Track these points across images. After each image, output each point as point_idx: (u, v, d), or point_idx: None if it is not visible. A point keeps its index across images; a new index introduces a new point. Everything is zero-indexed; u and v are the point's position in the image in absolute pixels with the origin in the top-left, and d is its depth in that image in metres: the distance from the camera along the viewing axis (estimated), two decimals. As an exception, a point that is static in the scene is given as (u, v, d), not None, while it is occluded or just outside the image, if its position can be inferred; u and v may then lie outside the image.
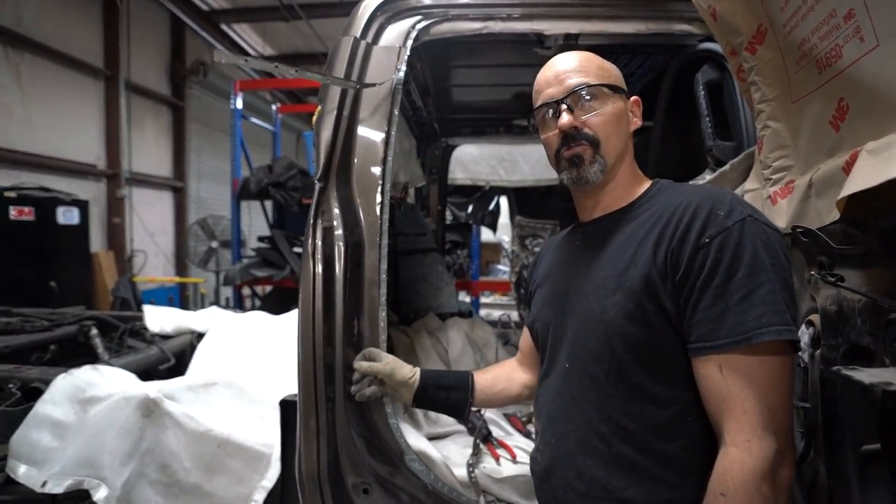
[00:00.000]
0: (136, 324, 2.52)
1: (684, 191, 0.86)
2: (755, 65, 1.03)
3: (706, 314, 0.74)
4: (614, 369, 0.81)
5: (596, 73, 0.91)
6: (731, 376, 0.72)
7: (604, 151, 0.89)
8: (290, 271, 4.74)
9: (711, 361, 0.73)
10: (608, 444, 0.81)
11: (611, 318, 0.81)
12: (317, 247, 1.15)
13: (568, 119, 0.89)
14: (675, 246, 0.78)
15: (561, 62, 0.94)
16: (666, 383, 0.79)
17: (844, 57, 0.77)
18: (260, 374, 1.96)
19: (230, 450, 1.53)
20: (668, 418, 0.78)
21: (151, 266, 7.04)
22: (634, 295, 0.79)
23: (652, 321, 0.78)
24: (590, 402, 0.84)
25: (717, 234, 0.75)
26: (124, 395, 1.53)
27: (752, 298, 0.72)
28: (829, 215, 0.81)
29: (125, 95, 6.56)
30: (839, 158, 0.81)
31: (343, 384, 1.14)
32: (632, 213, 0.89)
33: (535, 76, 2.22)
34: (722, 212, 0.77)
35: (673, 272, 0.77)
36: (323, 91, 1.27)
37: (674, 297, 0.77)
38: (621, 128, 0.91)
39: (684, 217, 0.79)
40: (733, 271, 0.73)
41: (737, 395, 0.71)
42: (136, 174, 6.82)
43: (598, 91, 0.89)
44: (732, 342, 0.72)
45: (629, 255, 0.83)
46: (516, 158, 4.06)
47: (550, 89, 0.92)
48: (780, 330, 0.70)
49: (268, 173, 5.18)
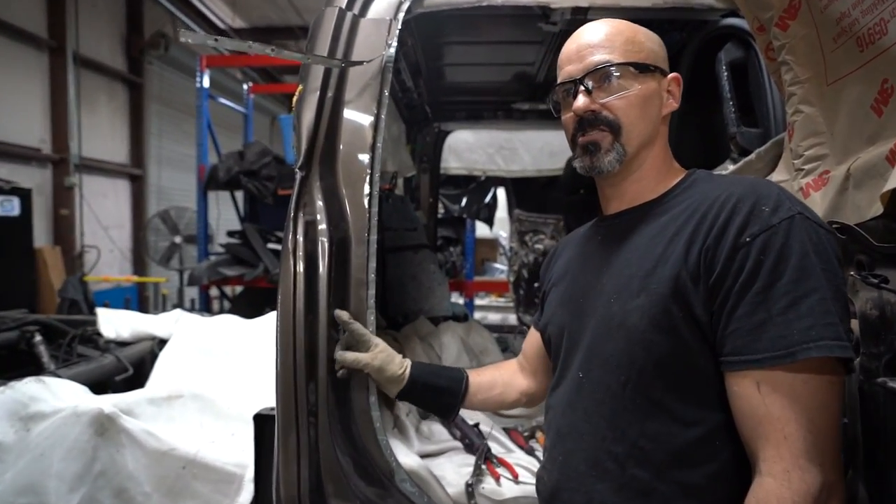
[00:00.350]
0: (87, 329, 2.47)
1: (724, 182, 0.83)
2: (786, 42, 1.03)
3: (744, 323, 0.71)
4: (633, 381, 0.79)
5: (623, 48, 0.87)
6: (770, 395, 0.68)
7: (625, 139, 0.86)
8: (263, 270, 4.69)
9: (748, 378, 0.70)
10: (622, 467, 0.78)
11: (633, 323, 0.79)
12: (298, 243, 1.13)
13: (584, 102, 0.86)
14: (711, 244, 0.75)
15: (586, 34, 0.91)
16: (692, 401, 0.76)
17: (890, 33, 0.77)
18: (231, 386, 1.93)
19: (196, 471, 1.51)
20: (692, 440, 0.75)
21: (105, 264, 6.92)
22: (661, 298, 0.77)
23: (680, 329, 0.76)
24: (603, 417, 0.81)
25: (759, 233, 0.72)
26: (74, 410, 1.49)
27: (798, 308, 0.68)
28: (871, 210, 0.81)
29: (73, 70, 6.41)
30: (882, 146, 0.81)
31: (327, 396, 1.12)
32: (662, 207, 0.87)
33: (537, 54, 2.19)
34: (767, 207, 0.73)
35: (707, 274, 0.75)
36: (304, 69, 1.24)
37: (706, 302, 0.74)
38: (649, 111, 0.88)
39: (722, 212, 0.76)
40: (777, 275, 0.70)
41: (777, 418, 0.68)
42: (86, 160, 6.68)
43: (623, 70, 0.86)
44: (774, 357, 0.68)
45: (657, 253, 0.80)
46: (516, 146, 4.06)
47: (571, 66, 0.90)
48: (831, 346, 0.67)
49: (239, 160, 5.13)
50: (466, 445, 1.54)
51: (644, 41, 0.90)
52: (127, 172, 7.71)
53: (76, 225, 6.58)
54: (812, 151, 1.03)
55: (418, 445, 1.53)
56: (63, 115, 6.36)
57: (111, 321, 2.49)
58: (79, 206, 6.58)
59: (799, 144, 1.05)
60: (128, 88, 7.68)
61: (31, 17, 6.03)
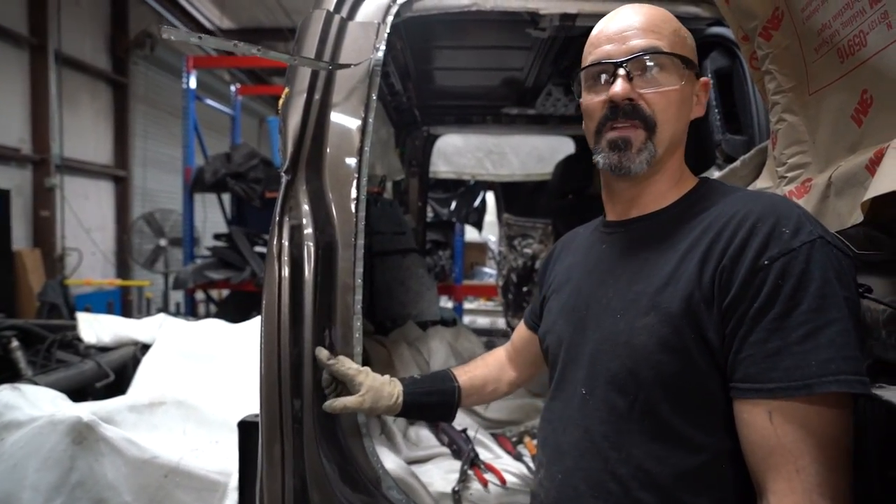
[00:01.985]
0: (67, 334, 2.43)
1: (741, 198, 0.78)
2: (770, 52, 1.05)
3: (758, 350, 0.68)
4: (640, 402, 0.76)
5: (671, 37, 0.80)
6: (783, 426, 0.66)
7: (658, 138, 0.80)
8: (250, 273, 4.66)
9: (759, 406, 0.68)
10: (625, 489, 0.76)
11: (641, 342, 0.76)
12: (283, 247, 1.12)
13: (623, 88, 0.78)
14: (727, 265, 0.71)
15: (629, 15, 0.83)
16: (700, 424, 0.73)
17: (869, 45, 0.78)
18: (216, 392, 1.91)
19: (179, 479, 1.48)
20: (698, 465, 0.73)
21: (87, 266, 6.82)
22: (672, 319, 0.73)
23: (690, 351, 0.73)
24: (607, 437, 0.78)
25: (779, 256, 0.68)
26: (51, 418, 1.47)
27: (817, 338, 0.65)
28: (851, 217, 0.83)
29: (55, 69, 6.31)
30: (862, 155, 0.83)
31: (313, 403, 1.11)
32: (674, 218, 0.82)
33: (526, 60, 2.20)
34: (787, 229, 0.70)
35: (721, 296, 0.71)
36: (291, 72, 1.24)
37: (719, 325, 0.71)
38: (683, 113, 0.83)
39: (740, 231, 0.72)
40: (796, 302, 0.66)
41: (790, 450, 0.65)
42: (68, 160, 6.58)
43: (671, 62, 0.79)
44: (790, 388, 0.65)
45: (669, 270, 0.77)
46: (504, 150, 4.08)
47: (609, 46, 0.82)
48: (851, 381, 0.64)
49: (225, 162, 5.09)
50: (454, 451, 1.54)
51: (687, 36, 0.84)
52: (110, 174, 7.61)
53: (57, 227, 6.47)
54: (795, 159, 1.04)
55: (406, 451, 1.53)
56: (44, 114, 6.26)
57: (92, 326, 2.46)
58: (60, 208, 6.47)
59: (782, 152, 1.07)
60: (112, 88, 7.59)
61: (11, 14, 5.94)
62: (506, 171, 4.11)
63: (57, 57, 6.32)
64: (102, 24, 7.42)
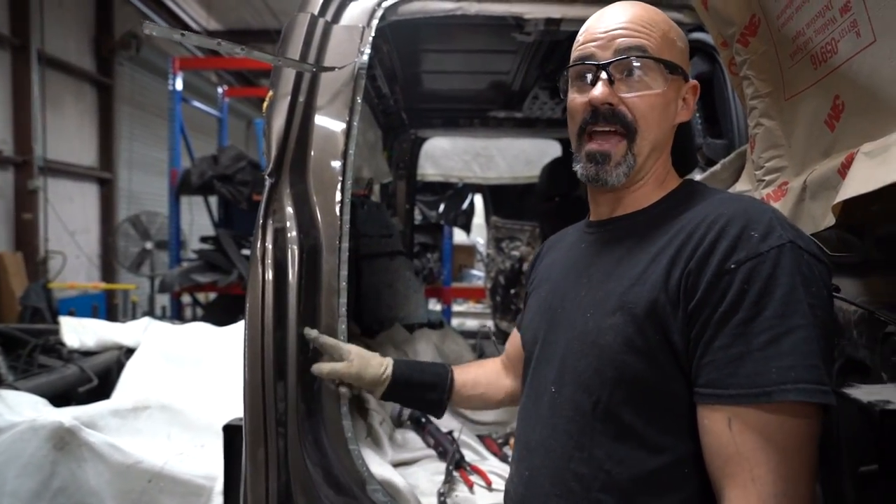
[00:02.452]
0: (49, 338, 2.39)
1: (715, 201, 0.77)
2: (747, 58, 1.07)
3: (720, 355, 0.67)
4: (603, 402, 0.75)
5: (660, 40, 0.79)
6: (741, 434, 0.65)
7: (638, 147, 0.79)
8: (237, 276, 4.63)
9: (719, 412, 0.66)
10: (586, 489, 0.75)
11: (607, 342, 0.75)
12: (267, 251, 1.12)
13: (603, 92, 0.77)
14: (693, 268, 0.70)
15: (618, 12, 0.81)
16: (662, 427, 0.72)
17: (840, 52, 0.80)
18: (201, 396, 1.90)
19: (164, 484, 1.47)
20: (659, 467, 0.72)
21: (71, 270, 6.72)
22: (636, 319, 0.73)
23: (655, 352, 0.72)
24: (572, 436, 0.78)
25: (745, 261, 0.67)
26: (31, 424, 1.45)
27: (779, 344, 0.64)
28: (825, 220, 0.85)
29: (38, 69, 6.22)
30: (835, 160, 0.85)
31: (297, 406, 1.11)
32: (650, 218, 0.82)
33: (512, 63, 2.21)
34: (756, 233, 0.68)
35: (686, 299, 0.70)
36: (275, 74, 1.24)
37: (684, 329, 0.70)
38: (667, 118, 0.81)
39: (708, 234, 0.70)
40: (761, 308, 0.65)
41: (746, 458, 0.64)
42: (52, 162, 6.48)
43: (655, 65, 0.78)
44: (749, 394, 0.64)
45: (638, 270, 0.76)
46: (492, 153, 4.10)
47: (594, 45, 0.80)
48: (810, 390, 0.62)
49: (212, 165, 5.05)
50: (440, 453, 1.54)
51: (676, 39, 0.82)
52: (95, 176, 7.51)
53: (40, 229, 6.37)
54: (772, 163, 1.06)
55: (392, 454, 1.53)
56: (26, 115, 6.17)
57: (75, 330, 2.42)
58: (43, 210, 6.38)
59: (760, 156, 1.09)
60: (97, 89, 7.50)
61: (-8, 13, 5.87)
62: (493, 173, 4.13)
63: (40, 57, 6.24)
64: (87, 25, 7.33)
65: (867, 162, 0.73)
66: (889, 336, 0.72)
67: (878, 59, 0.74)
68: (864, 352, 0.77)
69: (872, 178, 0.70)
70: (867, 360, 0.76)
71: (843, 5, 0.77)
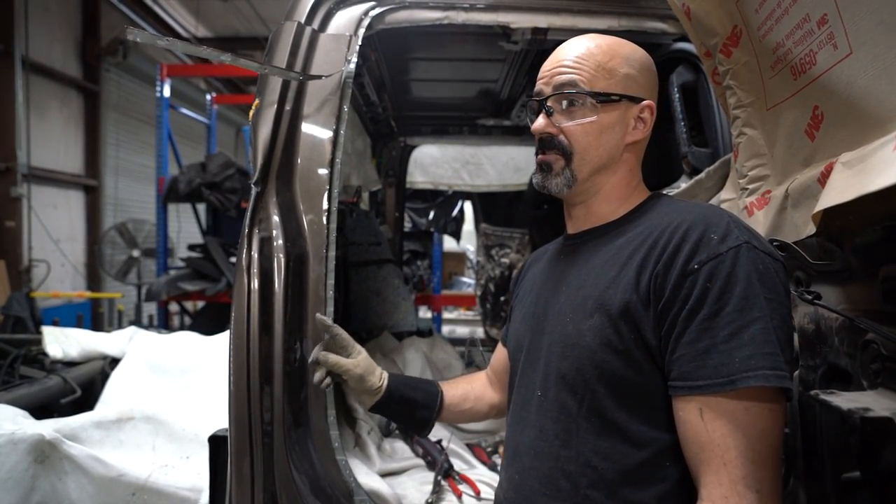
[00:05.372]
0: (31, 348, 2.36)
1: (678, 209, 0.84)
2: (730, 68, 1.08)
3: (689, 350, 0.72)
4: (587, 400, 0.80)
5: (591, 73, 0.87)
6: (712, 422, 0.70)
7: (576, 165, 0.88)
8: (225, 284, 4.59)
9: (692, 403, 0.72)
10: (575, 486, 0.79)
11: (586, 343, 0.80)
12: (252, 260, 1.11)
13: (540, 124, 0.89)
14: (660, 271, 0.76)
15: (564, 50, 0.91)
16: (643, 421, 0.77)
17: (818, 64, 0.82)
18: (187, 406, 1.87)
19: (147, 497, 1.45)
20: (642, 460, 0.76)
21: (56, 278, 6.62)
22: (612, 319, 0.79)
23: (631, 351, 0.77)
24: (558, 435, 0.82)
25: (707, 261, 0.73)
26: (11, 437, 1.42)
27: (740, 336, 0.70)
28: (806, 229, 0.86)
29: (22, 75, 6.13)
30: (815, 169, 0.86)
31: (283, 416, 1.10)
32: (620, 229, 0.88)
33: (500, 72, 2.22)
34: (715, 236, 0.75)
35: (656, 300, 0.76)
36: (262, 82, 1.24)
37: (655, 327, 0.76)
38: (607, 139, 0.88)
39: (673, 239, 0.77)
40: (723, 304, 0.71)
41: (717, 444, 0.70)
42: (36, 169, 6.39)
43: (585, 98, 0.87)
44: (716, 384, 0.70)
45: (611, 275, 0.82)
46: (481, 161, 4.11)
47: (541, 82, 0.91)
48: (768, 375, 0.68)
49: (200, 172, 5.02)
50: (429, 463, 1.53)
51: (618, 67, 0.88)
52: (81, 183, 7.41)
53: (23, 237, 6.27)
54: (755, 172, 1.08)
55: (380, 464, 1.52)
56: (9, 121, 6.08)
57: (58, 340, 2.39)
58: (27, 218, 6.28)
59: (743, 165, 1.10)
60: (83, 96, 7.41)
61: (-26, 17, 5.79)
62: (482, 181, 4.14)
63: (24, 63, 6.16)
64: (73, 31, 7.26)
65: (845, 172, 0.75)
66: (869, 343, 0.73)
67: (854, 70, 0.76)
68: (846, 359, 0.77)
69: (850, 187, 0.71)
70: (849, 367, 0.77)
71: (819, 18, 0.79)
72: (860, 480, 0.66)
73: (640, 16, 1.41)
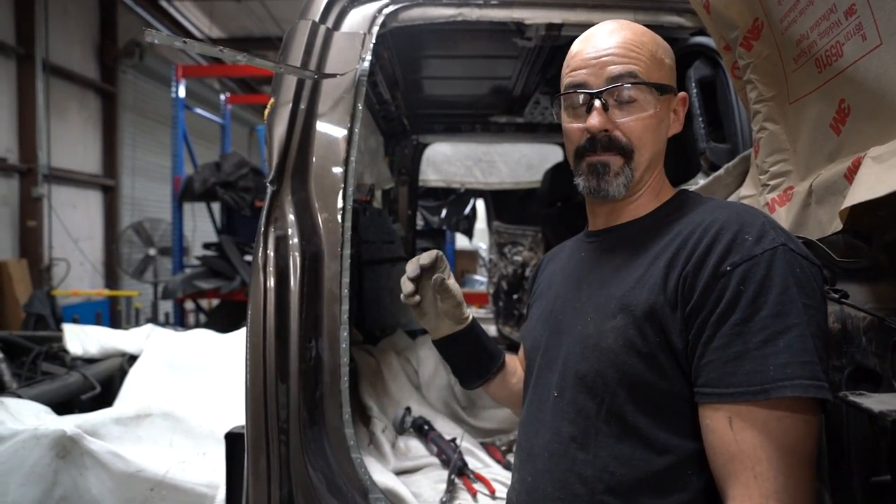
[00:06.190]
0: (53, 345, 2.40)
1: (709, 207, 0.80)
2: (751, 62, 1.06)
3: (719, 355, 0.68)
4: (606, 403, 0.76)
5: (648, 63, 0.81)
6: (742, 432, 0.66)
7: (635, 163, 0.82)
8: (240, 283, 4.63)
9: (721, 411, 0.68)
10: (591, 490, 0.75)
11: (608, 344, 0.76)
12: (268, 258, 1.11)
13: (600, 121, 0.80)
14: (690, 271, 0.72)
15: (607, 36, 0.82)
16: (665, 427, 0.73)
17: (845, 55, 0.79)
18: (204, 403, 1.89)
19: (165, 493, 1.46)
20: (662, 468, 0.72)
21: (75, 277, 6.74)
22: (637, 321, 0.74)
23: (655, 354, 0.73)
24: (575, 438, 0.79)
25: (740, 263, 0.69)
26: (34, 432, 1.45)
27: (776, 343, 0.65)
28: (831, 225, 0.83)
29: (43, 78, 6.26)
30: (841, 164, 0.84)
31: (299, 414, 1.10)
32: (647, 227, 0.84)
33: (513, 69, 2.20)
34: (750, 237, 0.70)
35: (684, 302, 0.72)
36: (276, 81, 1.24)
37: (682, 330, 0.72)
38: (660, 134, 0.84)
39: (704, 238, 0.73)
40: (757, 308, 0.67)
41: (748, 456, 0.65)
42: (56, 170, 6.51)
43: (647, 89, 0.80)
44: (748, 392, 0.66)
45: (637, 275, 0.78)
46: (494, 159, 4.09)
47: (585, 72, 0.82)
48: (806, 385, 0.64)
49: (215, 171, 5.07)
50: (443, 461, 1.53)
51: (664, 57, 0.84)
52: (99, 183, 7.54)
53: (44, 237, 6.39)
54: (777, 168, 1.05)
55: (394, 462, 1.51)
56: (31, 124, 6.20)
57: (78, 337, 2.42)
58: (47, 218, 6.40)
59: (764, 161, 1.08)
60: (100, 97, 7.54)
61: (-2, 23, 5.90)
62: (495, 179, 4.12)
63: (44, 66, 6.27)
64: (91, 33, 7.38)
65: (875, 166, 0.72)
66: (899, 343, 0.71)
67: (884, 62, 0.73)
68: (874, 359, 0.75)
69: (881, 183, 0.69)
70: (877, 367, 0.75)
71: (847, 8, 0.76)
72: (891, 484, 0.63)
73: (656, 10, 1.39)
